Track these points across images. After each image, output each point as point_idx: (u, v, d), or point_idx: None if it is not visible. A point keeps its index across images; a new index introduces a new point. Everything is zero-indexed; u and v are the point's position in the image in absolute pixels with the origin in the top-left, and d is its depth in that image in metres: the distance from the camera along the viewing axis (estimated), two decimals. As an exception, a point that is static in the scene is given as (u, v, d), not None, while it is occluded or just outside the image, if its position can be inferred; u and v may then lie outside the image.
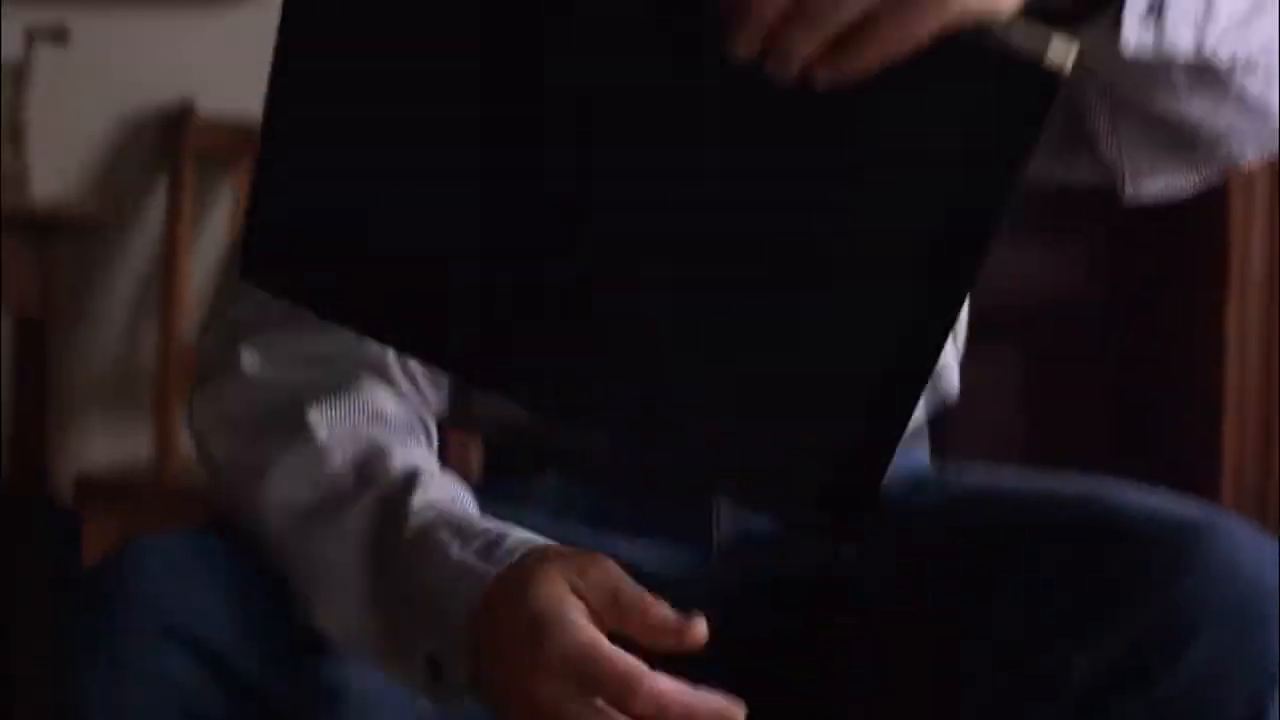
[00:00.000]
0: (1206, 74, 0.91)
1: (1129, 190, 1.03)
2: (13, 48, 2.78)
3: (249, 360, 1.02)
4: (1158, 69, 0.89)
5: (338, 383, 1.01)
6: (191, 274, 2.80)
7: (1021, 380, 2.50)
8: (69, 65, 2.83)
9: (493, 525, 0.92)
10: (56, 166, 2.86)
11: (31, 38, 2.79)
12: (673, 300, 0.78)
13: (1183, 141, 0.99)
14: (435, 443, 1.06)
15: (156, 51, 2.88)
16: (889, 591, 1.04)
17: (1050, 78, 0.69)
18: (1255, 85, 0.93)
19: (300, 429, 0.99)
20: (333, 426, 0.99)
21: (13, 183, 2.73)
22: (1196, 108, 0.94)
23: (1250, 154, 1.01)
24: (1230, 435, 2.41)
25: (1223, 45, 0.89)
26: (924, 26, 0.69)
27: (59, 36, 2.80)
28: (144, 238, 2.89)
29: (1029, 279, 2.60)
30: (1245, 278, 2.41)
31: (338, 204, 0.81)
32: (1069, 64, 0.69)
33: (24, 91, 2.80)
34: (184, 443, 2.59)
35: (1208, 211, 2.43)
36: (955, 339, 1.19)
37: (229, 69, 2.84)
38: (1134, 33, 0.85)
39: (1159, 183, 1.03)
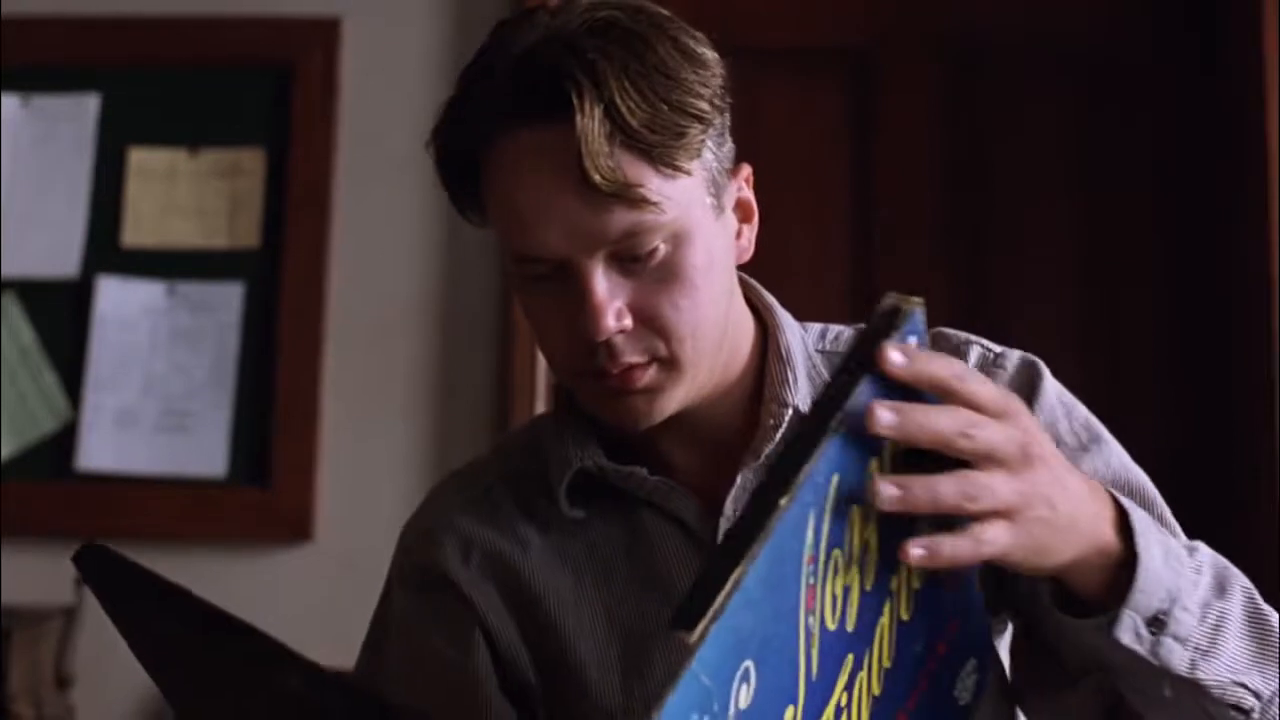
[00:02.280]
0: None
1: None
2: (64, 592, 2.75)
3: None
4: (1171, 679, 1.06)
5: None
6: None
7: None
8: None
9: None
10: (104, 712, 2.80)
11: (81, 583, 2.76)
12: None
13: None
14: None
15: (208, 596, 2.83)
16: None
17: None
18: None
19: None
20: None
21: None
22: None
23: None
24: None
25: (1225, 679, 1.06)
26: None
27: (111, 581, 2.77)
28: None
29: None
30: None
31: None
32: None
33: (73, 636, 2.76)
34: None
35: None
36: None
37: (280, 614, 2.81)
38: (1128, 632, 1.03)
39: None
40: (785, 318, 1.30)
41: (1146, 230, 2.91)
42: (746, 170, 1.25)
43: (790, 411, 1.24)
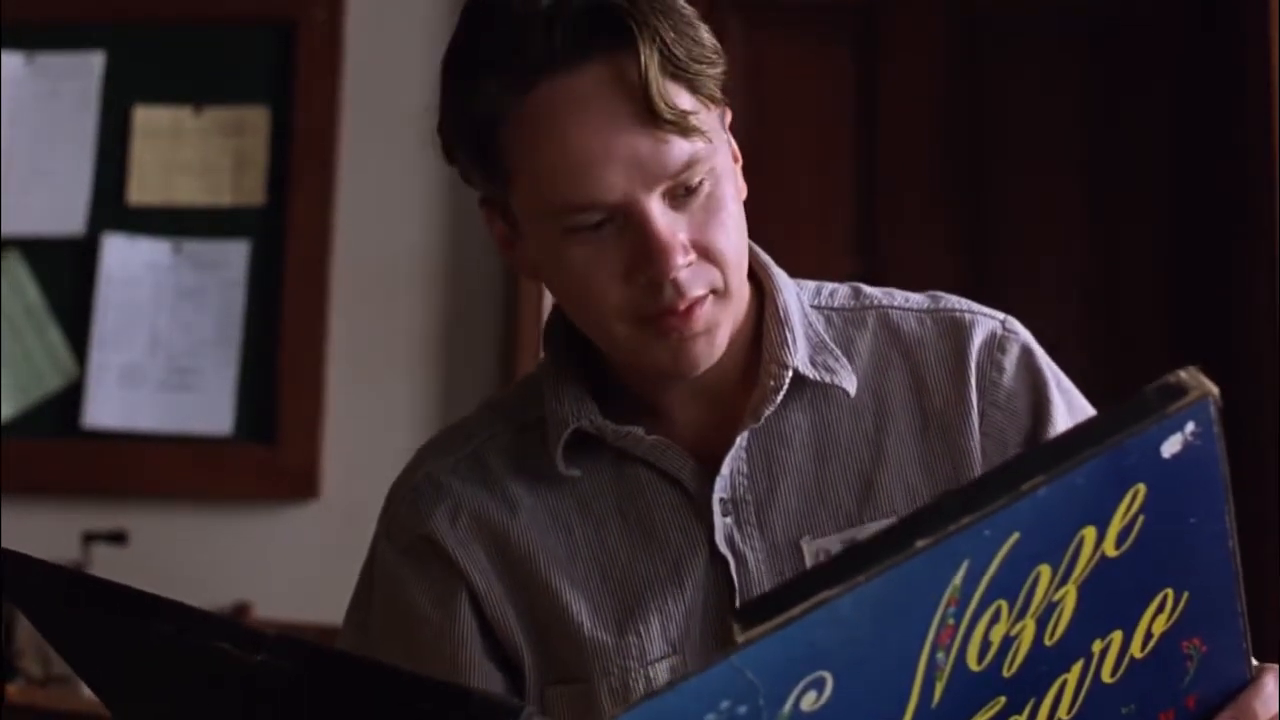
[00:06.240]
0: None
1: None
2: (70, 549, 2.76)
3: None
4: None
5: None
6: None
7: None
8: (126, 566, 2.80)
9: None
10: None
11: (89, 540, 2.77)
12: None
13: None
14: None
15: (214, 554, 2.85)
16: None
17: None
18: None
19: None
20: None
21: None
22: None
23: None
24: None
25: None
26: None
27: (117, 539, 2.78)
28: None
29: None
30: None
31: None
32: None
33: (79, 593, 2.76)
34: None
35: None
36: None
37: (286, 571, 2.81)
38: None
39: None
40: (781, 277, 1.30)
41: (1150, 191, 2.90)
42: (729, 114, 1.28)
43: (789, 373, 1.24)
